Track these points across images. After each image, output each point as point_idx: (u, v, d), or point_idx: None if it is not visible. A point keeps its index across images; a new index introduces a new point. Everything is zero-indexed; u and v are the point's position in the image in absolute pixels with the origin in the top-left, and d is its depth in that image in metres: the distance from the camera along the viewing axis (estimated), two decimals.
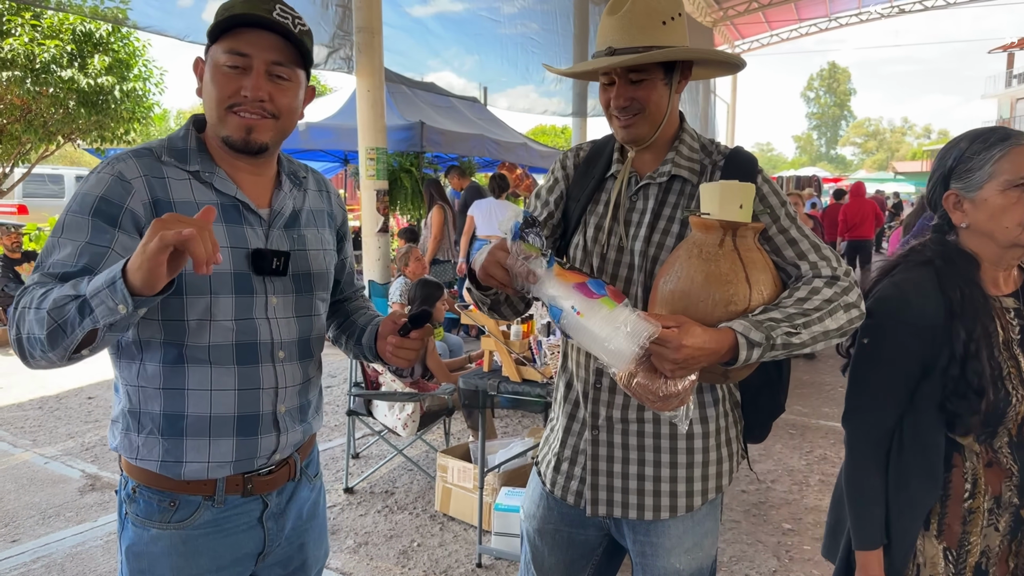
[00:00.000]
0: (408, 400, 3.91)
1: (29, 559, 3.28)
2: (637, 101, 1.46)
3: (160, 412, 1.35)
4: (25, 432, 4.97)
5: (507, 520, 3.24)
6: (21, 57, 7.53)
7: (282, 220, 1.44)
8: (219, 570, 1.41)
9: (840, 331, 1.37)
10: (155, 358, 1.33)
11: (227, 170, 1.39)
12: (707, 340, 1.25)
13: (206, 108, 1.37)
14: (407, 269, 5.28)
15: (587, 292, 1.29)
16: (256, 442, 1.40)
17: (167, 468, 1.35)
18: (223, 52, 1.32)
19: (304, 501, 1.54)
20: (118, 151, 5.73)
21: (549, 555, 1.67)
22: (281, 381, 1.42)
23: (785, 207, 1.49)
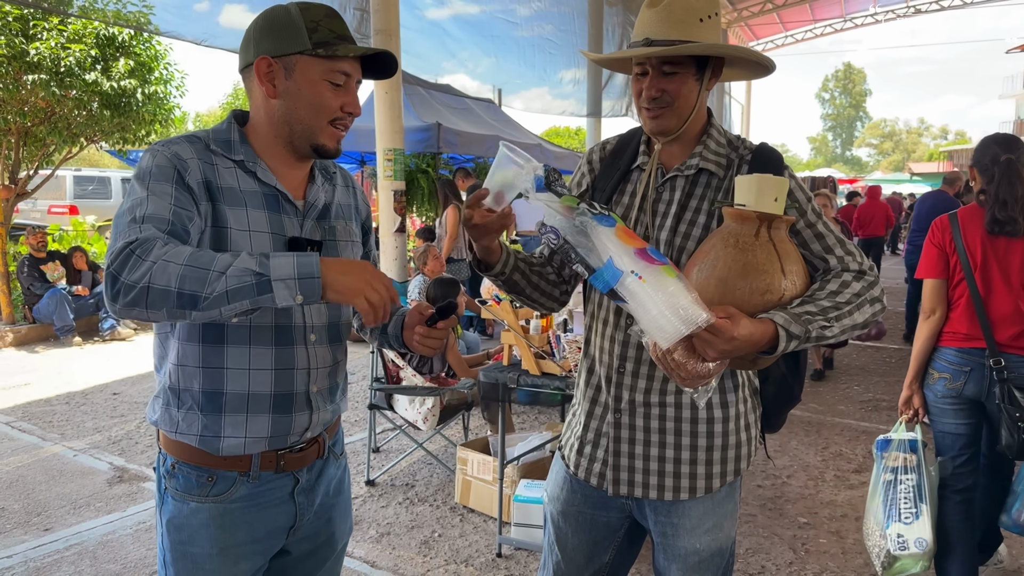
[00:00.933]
0: (428, 395, 3.99)
1: (62, 547, 3.37)
2: (667, 93, 1.52)
3: (200, 389, 1.42)
4: (53, 426, 5.09)
5: (526, 511, 3.30)
6: (47, 61, 7.66)
7: (315, 212, 1.53)
8: (254, 542, 1.49)
9: (864, 324, 1.45)
10: (196, 338, 1.41)
11: (268, 162, 1.47)
12: (753, 331, 1.31)
13: (299, 113, 1.43)
14: (425, 267, 5.35)
15: (648, 259, 1.30)
16: (291, 419, 1.48)
17: (206, 443, 1.42)
18: (329, 69, 1.42)
19: (331, 478, 1.62)
20: (138, 154, 5.84)
21: (572, 536, 1.73)
22: (313, 362, 1.50)
23: (811, 203, 1.56)
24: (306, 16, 1.41)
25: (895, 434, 2.79)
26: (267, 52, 1.41)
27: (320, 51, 1.40)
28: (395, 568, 3.20)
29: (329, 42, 1.41)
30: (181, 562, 1.46)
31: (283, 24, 1.41)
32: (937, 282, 2.74)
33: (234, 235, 1.38)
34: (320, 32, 1.41)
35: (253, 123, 1.48)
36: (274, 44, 1.41)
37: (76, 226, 10.42)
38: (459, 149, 9.24)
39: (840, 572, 3.19)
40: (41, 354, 7.33)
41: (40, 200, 14.30)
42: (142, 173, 1.35)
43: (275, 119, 1.45)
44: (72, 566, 3.20)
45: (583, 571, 1.75)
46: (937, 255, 2.75)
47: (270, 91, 1.42)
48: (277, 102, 1.43)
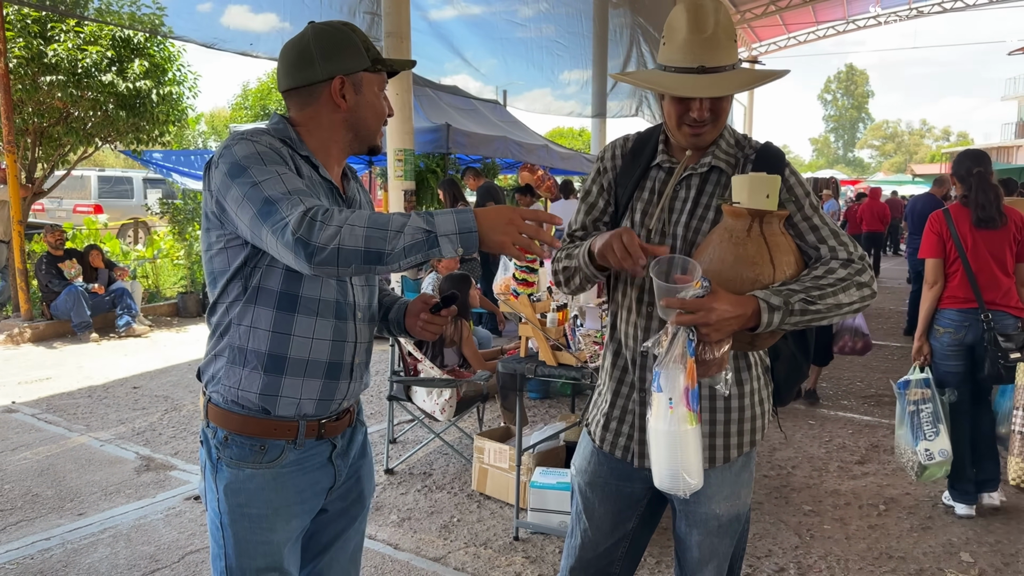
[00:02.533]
0: (446, 386, 4.13)
1: (97, 530, 3.52)
2: (714, 113, 1.65)
3: (266, 351, 1.57)
4: (78, 418, 5.23)
5: (542, 497, 3.44)
6: (64, 62, 7.83)
7: (357, 206, 1.73)
8: (303, 502, 1.66)
9: (852, 306, 1.59)
10: (270, 304, 1.57)
11: (322, 160, 1.65)
12: (733, 303, 1.49)
13: (367, 121, 1.66)
14: (439, 264, 5.49)
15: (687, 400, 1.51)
16: (336, 386, 1.66)
17: (265, 400, 1.58)
18: (381, 81, 1.67)
19: (358, 443, 1.82)
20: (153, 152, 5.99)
21: (599, 506, 1.88)
22: (360, 336, 1.70)
23: (809, 197, 1.70)
24: (358, 36, 1.63)
25: (912, 375, 3.64)
26: (340, 71, 1.60)
27: (378, 67, 1.64)
28: (417, 550, 3.34)
29: (380, 58, 1.64)
30: (240, 522, 1.60)
31: (349, 45, 1.61)
32: (938, 261, 3.67)
33: None
34: (372, 50, 1.64)
35: (307, 128, 1.64)
36: (345, 63, 1.60)
37: (90, 224, 10.57)
38: (468, 150, 9.37)
39: (844, 556, 3.32)
40: (60, 350, 7.48)
41: (65, 200, 14.71)
42: (250, 157, 1.47)
43: (340, 127, 1.64)
44: (108, 548, 3.35)
45: (609, 538, 1.89)
46: (936, 240, 3.67)
47: (343, 105, 1.62)
48: (346, 114, 1.63)
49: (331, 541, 1.80)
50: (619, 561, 1.93)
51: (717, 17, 1.59)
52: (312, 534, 1.77)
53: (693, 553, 1.83)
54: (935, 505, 3.84)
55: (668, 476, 1.54)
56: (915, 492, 4.01)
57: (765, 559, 3.28)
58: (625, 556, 1.93)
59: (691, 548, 1.83)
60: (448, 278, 5.02)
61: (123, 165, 19.85)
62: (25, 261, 7.90)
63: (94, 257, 8.36)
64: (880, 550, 3.38)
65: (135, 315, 8.28)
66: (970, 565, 3.25)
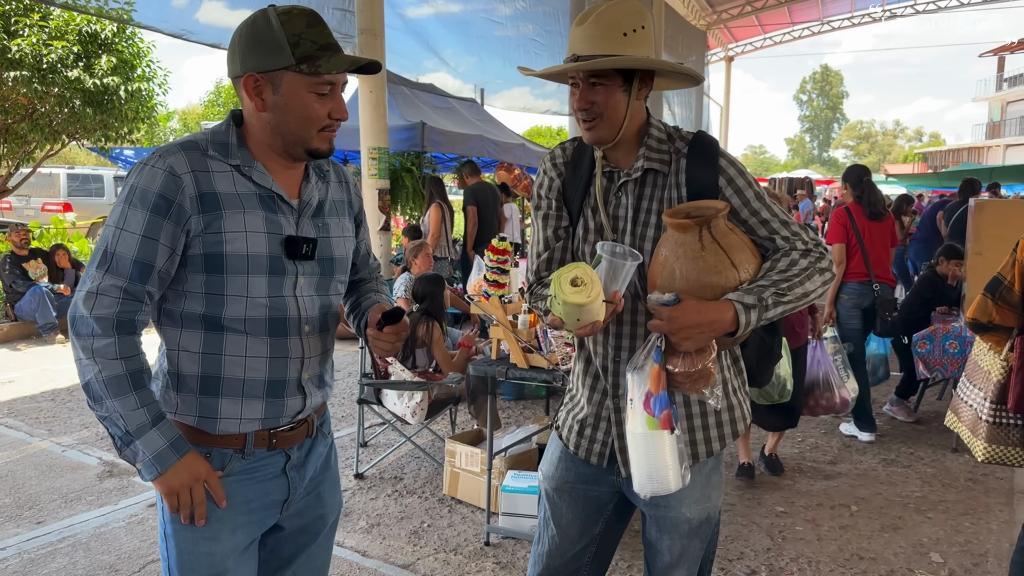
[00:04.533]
0: (417, 389, 4.07)
1: (56, 539, 3.42)
2: (596, 105, 1.62)
3: (199, 374, 1.52)
4: (40, 422, 5.10)
5: (514, 501, 3.40)
6: (29, 57, 7.64)
7: (310, 210, 1.60)
8: (250, 512, 1.59)
9: (816, 292, 1.60)
10: (197, 326, 1.51)
11: (266, 164, 1.54)
12: (701, 311, 1.46)
13: (289, 125, 1.50)
14: (414, 262, 5.43)
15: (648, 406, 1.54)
16: (283, 404, 1.58)
17: (203, 423, 1.53)
18: (314, 82, 1.48)
19: (319, 455, 1.73)
20: (121, 151, 5.89)
21: (567, 511, 1.85)
22: (306, 352, 1.60)
23: (751, 187, 1.65)
24: (288, 29, 1.45)
25: (827, 334, 4.50)
26: (253, 68, 1.47)
27: (304, 67, 1.46)
28: (385, 557, 3.28)
29: (312, 56, 1.46)
30: (183, 532, 1.54)
31: (266, 39, 1.46)
32: (842, 245, 4.75)
33: (228, 237, 1.47)
34: (303, 46, 1.46)
35: (248, 127, 1.55)
36: (259, 60, 1.46)
37: (57, 223, 10.36)
38: (443, 148, 9.30)
39: (815, 557, 3.32)
40: (24, 352, 7.31)
41: (34, 198, 14.46)
42: (128, 192, 1.46)
43: (267, 129, 1.52)
44: (67, 557, 3.25)
45: (576, 544, 1.86)
46: (841, 230, 4.77)
47: (259, 105, 1.49)
48: (267, 114, 1.50)
49: (292, 556, 1.73)
50: (586, 567, 1.90)
51: (607, 8, 1.58)
52: (271, 550, 1.71)
53: (664, 557, 1.81)
54: (906, 505, 3.86)
55: (636, 479, 1.55)
56: (886, 492, 4.02)
57: (737, 561, 3.27)
58: (592, 561, 1.90)
59: (662, 552, 1.81)
60: (420, 280, 4.96)
61: (95, 163, 19.51)
62: None
63: (60, 257, 8.18)
64: (851, 551, 3.38)
65: None
66: (940, 566, 3.25)
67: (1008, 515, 3.76)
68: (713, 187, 1.65)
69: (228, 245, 1.47)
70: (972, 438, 2.72)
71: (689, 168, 1.67)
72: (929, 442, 4.82)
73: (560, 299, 1.47)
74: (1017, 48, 35.45)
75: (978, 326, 2.68)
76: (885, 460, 4.50)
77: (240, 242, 1.48)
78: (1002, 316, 2.61)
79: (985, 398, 2.67)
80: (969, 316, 2.70)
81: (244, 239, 1.48)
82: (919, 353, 5.11)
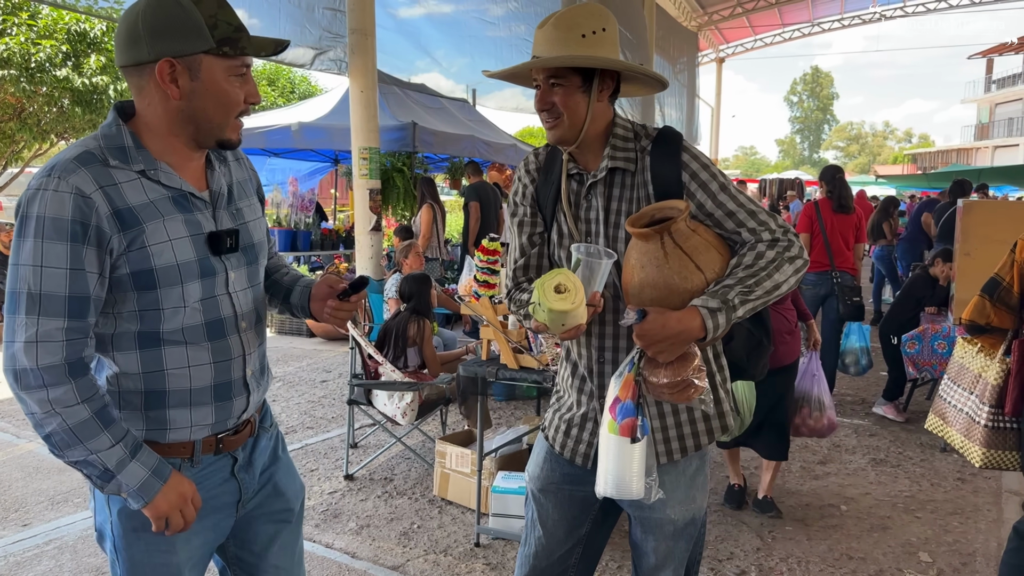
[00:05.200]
0: (407, 389, 4.06)
1: (42, 541, 3.39)
2: (556, 105, 1.63)
3: (142, 391, 1.46)
4: (26, 424, 5.06)
5: (504, 502, 3.39)
6: (17, 56, 7.60)
7: (223, 200, 1.54)
8: (202, 518, 1.54)
9: (788, 282, 1.57)
10: (131, 347, 1.44)
11: (168, 160, 1.45)
12: (665, 323, 1.48)
13: (207, 112, 1.43)
14: (405, 262, 5.42)
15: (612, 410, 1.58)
16: (231, 404, 1.56)
17: (152, 434, 1.48)
18: (233, 65, 1.42)
19: (265, 449, 1.70)
20: None
21: (553, 511, 1.85)
22: (247, 348, 1.58)
23: (716, 179, 1.65)
24: (202, 10, 1.37)
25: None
26: (169, 53, 1.36)
27: (226, 50, 1.39)
28: (375, 559, 3.27)
29: (231, 38, 1.40)
30: (136, 546, 1.50)
31: (180, 21, 1.36)
32: (806, 236, 5.36)
33: (155, 250, 1.40)
34: (220, 28, 1.39)
35: (145, 120, 1.44)
36: (175, 44, 1.36)
37: None
38: (435, 148, 9.29)
39: (805, 557, 3.32)
40: None
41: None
42: (36, 224, 1.31)
43: (177, 119, 1.42)
44: (52, 560, 3.22)
45: (563, 545, 1.86)
46: (808, 222, 5.41)
47: (174, 93, 1.39)
48: (181, 103, 1.40)
49: (264, 549, 1.71)
50: (573, 568, 1.90)
51: (569, 12, 1.60)
52: (241, 545, 1.70)
53: (650, 559, 1.82)
54: (894, 505, 3.87)
55: (599, 478, 1.60)
56: (875, 492, 4.04)
57: (727, 561, 3.27)
58: (579, 563, 1.90)
59: (647, 554, 1.82)
60: (408, 279, 4.95)
61: None
62: None
63: None
64: (841, 551, 3.38)
65: None
66: (929, 565, 3.26)
67: (996, 514, 3.77)
68: (677, 182, 1.64)
69: (156, 259, 1.40)
70: (967, 443, 2.68)
71: (653, 165, 1.67)
72: (918, 442, 4.84)
73: (545, 306, 1.47)
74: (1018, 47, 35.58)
75: (975, 328, 2.64)
76: (874, 460, 4.52)
77: (168, 253, 1.41)
78: (1000, 318, 2.57)
79: (982, 402, 2.63)
80: (965, 317, 2.65)
81: (171, 248, 1.41)
82: (908, 353, 5.14)
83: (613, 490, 1.56)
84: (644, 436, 1.54)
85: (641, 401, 1.56)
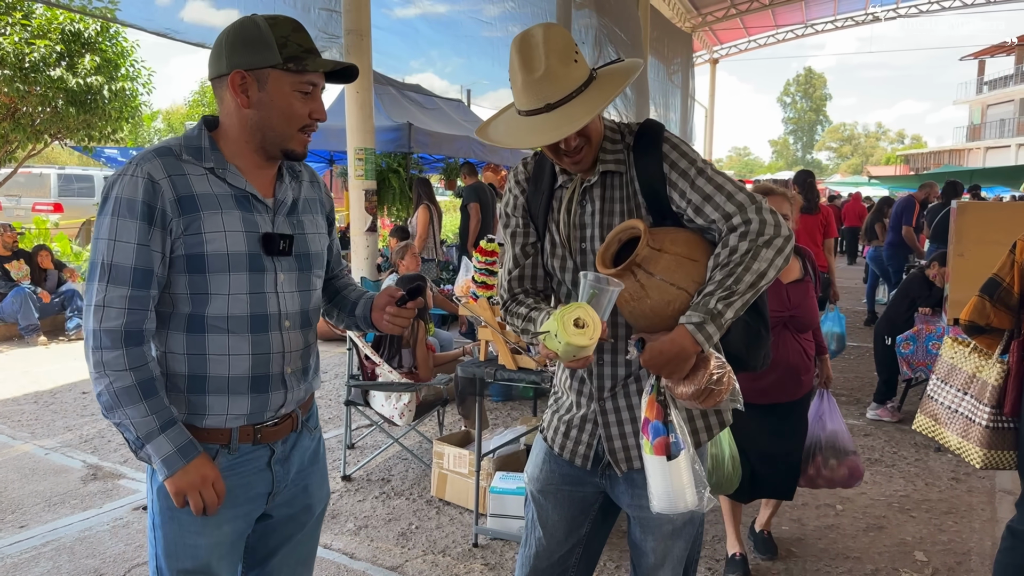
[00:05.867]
0: (404, 390, 4.06)
1: (39, 543, 3.38)
2: (584, 137, 1.62)
3: (186, 374, 1.58)
4: (22, 425, 5.05)
5: (502, 502, 3.40)
6: (10, 56, 7.57)
7: (285, 208, 1.66)
8: (235, 507, 1.63)
9: (773, 265, 1.54)
10: (180, 328, 1.57)
11: (239, 165, 1.60)
12: (662, 348, 1.51)
13: (271, 122, 1.56)
14: (401, 263, 5.43)
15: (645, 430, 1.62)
16: (267, 398, 1.63)
17: (192, 419, 1.59)
18: (298, 81, 1.55)
19: (306, 449, 1.78)
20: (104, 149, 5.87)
21: (552, 512, 1.86)
22: (287, 346, 1.65)
23: (695, 164, 1.64)
24: (276, 32, 1.53)
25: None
26: (240, 66, 1.52)
27: (291, 65, 1.53)
28: (373, 559, 3.28)
29: (298, 56, 1.53)
30: (169, 525, 1.61)
31: (255, 39, 1.52)
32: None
33: (208, 237, 1.53)
34: (289, 47, 1.53)
35: (224, 128, 1.60)
36: (247, 58, 1.52)
37: (39, 224, 10.25)
38: (430, 149, 9.29)
39: (801, 556, 3.34)
40: (6, 354, 7.22)
41: (24, 198, 14.55)
42: (111, 203, 1.50)
43: (248, 127, 1.57)
44: (50, 562, 3.22)
45: (563, 545, 1.87)
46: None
47: (244, 102, 1.54)
48: (250, 112, 1.55)
49: (278, 546, 1.78)
50: (573, 568, 1.92)
51: (547, 47, 1.54)
52: (259, 537, 1.75)
53: (648, 558, 1.84)
54: (890, 505, 3.90)
55: (652, 496, 1.62)
56: (870, 492, 4.06)
57: (724, 561, 3.28)
58: (579, 562, 1.92)
59: (646, 553, 1.83)
60: (402, 279, 4.95)
61: (76, 162, 19.33)
62: None
63: (43, 258, 8.08)
64: (837, 550, 3.40)
65: None
66: (924, 564, 3.29)
67: (990, 514, 3.80)
68: (660, 175, 1.65)
69: (208, 245, 1.52)
70: (965, 443, 2.67)
71: (637, 161, 1.68)
72: (912, 442, 4.87)
73: (563, 340, 1.49)
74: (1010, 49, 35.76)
75: (974, 328, 2.64)
76: (869, 460, 4.55)
77: (220, 241, 1.53)
78: (999, 319, 2.57)
79: (980, 403, 2.63)
80: (964, 318, 2.65)
81: (223, 238, 1.54)
82: (903, 354, 5.17)
83: (665, 506, 1.59)
84: (680, 452, 1.57)
85: (670, 419, 1.58)
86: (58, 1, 7.09)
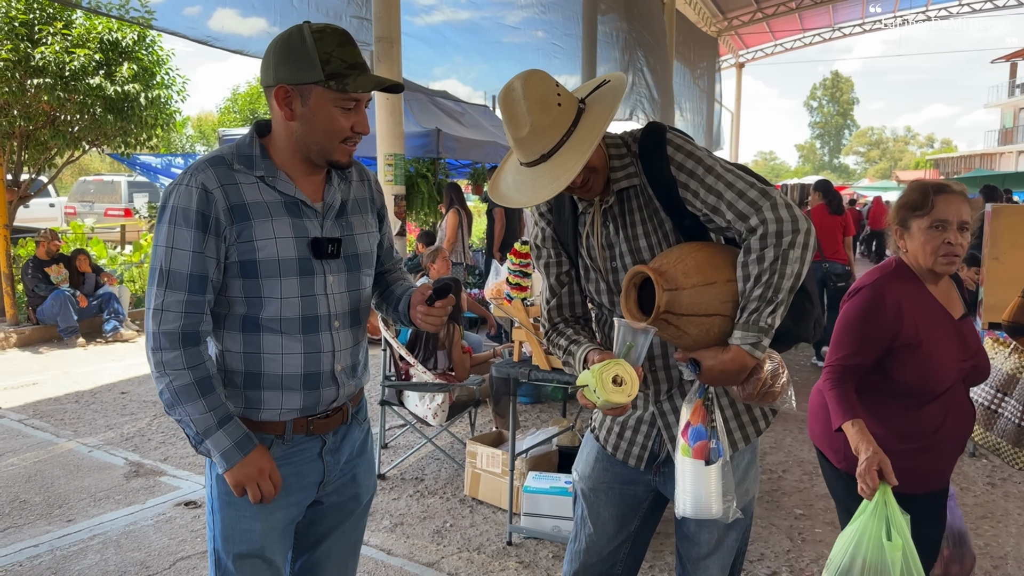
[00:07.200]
0: (439, 391, 4.12)
1: (86, 536, 3.49)
2: (589, 169, 1.66)
3: (243, 371, 1.66)
4: (65, 424, 5.19)
5: (535, 501, 3.44)
6: (52, 65, 7.76)
7: (333, 212, 1.71)
8: (287, 495, 1.71)
9: (803, 261, 1.55)
10: (236, 328, 1.64)
11: (288, 172, 1.65)
12: (723, 368, 1.56)
13: (314, 135, 1.60)
14: (432, 266, 5.50)
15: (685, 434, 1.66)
16: (319, 394, 1.70)
17: (248, 412, 1.67)
18: (341, 98, 1.57)
19: (355, 440, 1.85)
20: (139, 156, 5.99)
21: (603, 509, 1.91)
22: (337, 345, 1.72)
23: (703, 163, 1.63)
24: (320, 48, 1.54)
25: None
26: (285, 80, 1.57)
27: (332, 84, 1.55)
28: (410, 555, 3.33)
29: (341, 74, 1.55)
30: (226, 510, 1.69)
31: (299, 54, 1.55)
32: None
33: (260, 244, 1.59)
34: (333, 64, 1.55)
35: (273, 136, 1.66)
36: (291, 73, 1.56)
37: (76, 229, 10.48)
38: (458, 154, 9.37)
39: None
40: (46, 355, 7.41)
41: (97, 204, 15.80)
42: (168, 212, 1.57)
43: (293, 138, 1.62)
44: (98, 554, 3.32)
45: (613, 541, 1.92)
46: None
47: (288, 115, 1.59)
48: (295, 124, 1.60)
49: (327, 532, 1.85)
50: (622, 562, 1.97)
51: (527, 101, 1.57)
52: (309, 523, 1.82)
53: (701, 549, 1.86)
54: None
55: (678, 499, 1.67)
56: None
57: (758, 563, 3.30)
58: (627, 557, 1.97)
59: (699, 544, 1.85)
60: (436, 283, 5.02)
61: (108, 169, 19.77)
62: (11, 265, 7.82)
63: (81, 262, 8.28)
64: None
65: (123, 320, 8.22)
66: None
67: None
68: (669, 180, 1.65)
69: (260, 252, 1.59)
70: (1005, 444, 2.69)
71: (645, 167, 1.69)
72: None
73: (602, 397, 1.53)
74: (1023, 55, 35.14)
75: (1017, 329, 2.69)
76: None
77: (271, 248, 1.59)
78: None
79: (1021, 403, 2.65)
80: (1007, 319, 2.70)
81: (274, 244, 1.60)
82: None
83: (692, 511, 1.62)
84: (719, 458, 1.60)
85: (713, 425, 1.62)
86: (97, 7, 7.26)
